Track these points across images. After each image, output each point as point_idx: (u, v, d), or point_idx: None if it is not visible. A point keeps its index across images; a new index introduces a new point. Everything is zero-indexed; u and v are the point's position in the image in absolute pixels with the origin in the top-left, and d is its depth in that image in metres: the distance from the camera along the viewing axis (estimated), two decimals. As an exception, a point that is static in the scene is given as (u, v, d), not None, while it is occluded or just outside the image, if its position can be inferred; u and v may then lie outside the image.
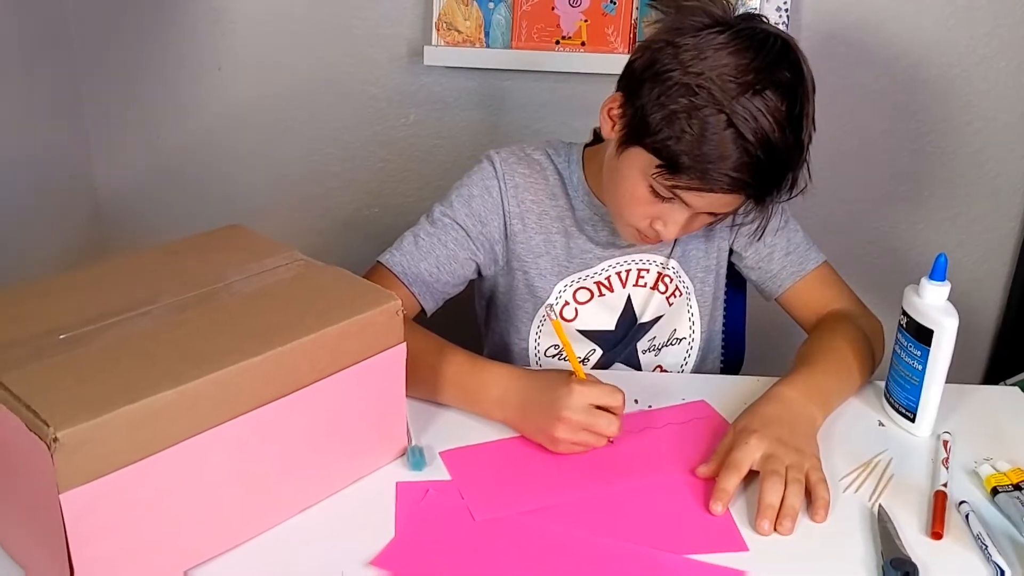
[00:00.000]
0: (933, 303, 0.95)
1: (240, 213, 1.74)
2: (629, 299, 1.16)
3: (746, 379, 1.09)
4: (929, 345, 0.94)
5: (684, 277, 1.17)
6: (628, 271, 1.15)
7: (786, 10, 1.53)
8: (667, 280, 1.16)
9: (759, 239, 1.12)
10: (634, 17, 1.53)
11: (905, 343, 0.97)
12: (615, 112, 1.01)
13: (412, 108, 1.67)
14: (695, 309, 1.19)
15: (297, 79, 1.66)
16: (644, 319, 1.17)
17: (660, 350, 1.19)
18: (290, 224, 1.76)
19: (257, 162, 1.72)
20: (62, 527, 0.65)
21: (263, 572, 0.77)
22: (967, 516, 0.84)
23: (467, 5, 1.53)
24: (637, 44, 1.10)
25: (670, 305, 1.17)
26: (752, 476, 0.88)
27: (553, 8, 1.53)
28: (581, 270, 1.14)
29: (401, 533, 0.81)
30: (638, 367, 1.19)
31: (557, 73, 1.60)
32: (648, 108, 0.95)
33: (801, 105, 0.94)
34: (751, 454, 0.88)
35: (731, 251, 1.19)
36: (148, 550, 0.72)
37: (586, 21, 1.53)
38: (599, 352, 1.17)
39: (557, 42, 1.55)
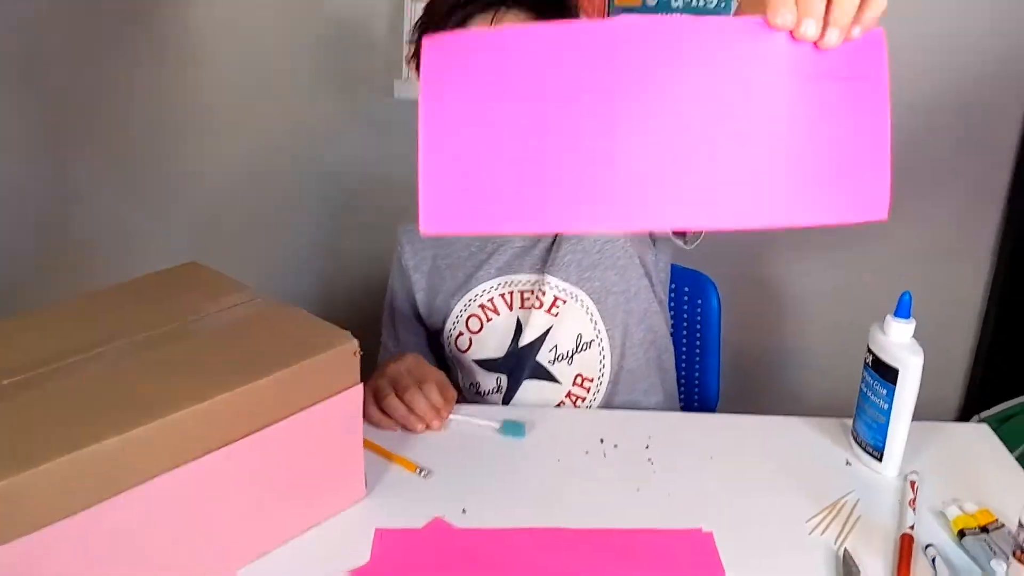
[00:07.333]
0: (898, 341, 0.94)
1: (213, 248, 1.73)
2: (519, 321, 1.16)
3: (721, 417, 1.08)
4: (895, 383, 0.93)
5: (563, 285, 1.13)
6: (511, 292, 1.16)
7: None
8: (541, 295, 1.13)
9: None
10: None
11: (871, 381, 0.96)
12: None
13: (384, 140, 1.67)
14: (595, 314, 1.14)
15: (270, 114, 1.65)
16: (525, 341, 1.15)
17: (571, 357, 1.15)
18: (262, 258, 1.75)
19: (230, 198, 1.71)
20: (-3, 582, 0.63)
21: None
22: (933, 560, 0.83)
23: (438, 39, 1.53)
24: None
25: (555, 316, 1.14)
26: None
27: (524, 42, 1.53)
28: (464, 294, 1.17)
29: (376, 558, 0.81)
30: (555, 380, 1.15)
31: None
32: None
33: None
34: None
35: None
36: (91, 603, 0.70)
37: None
38: (505, 379, 1.17)
39: (528, 76, 1.54)
